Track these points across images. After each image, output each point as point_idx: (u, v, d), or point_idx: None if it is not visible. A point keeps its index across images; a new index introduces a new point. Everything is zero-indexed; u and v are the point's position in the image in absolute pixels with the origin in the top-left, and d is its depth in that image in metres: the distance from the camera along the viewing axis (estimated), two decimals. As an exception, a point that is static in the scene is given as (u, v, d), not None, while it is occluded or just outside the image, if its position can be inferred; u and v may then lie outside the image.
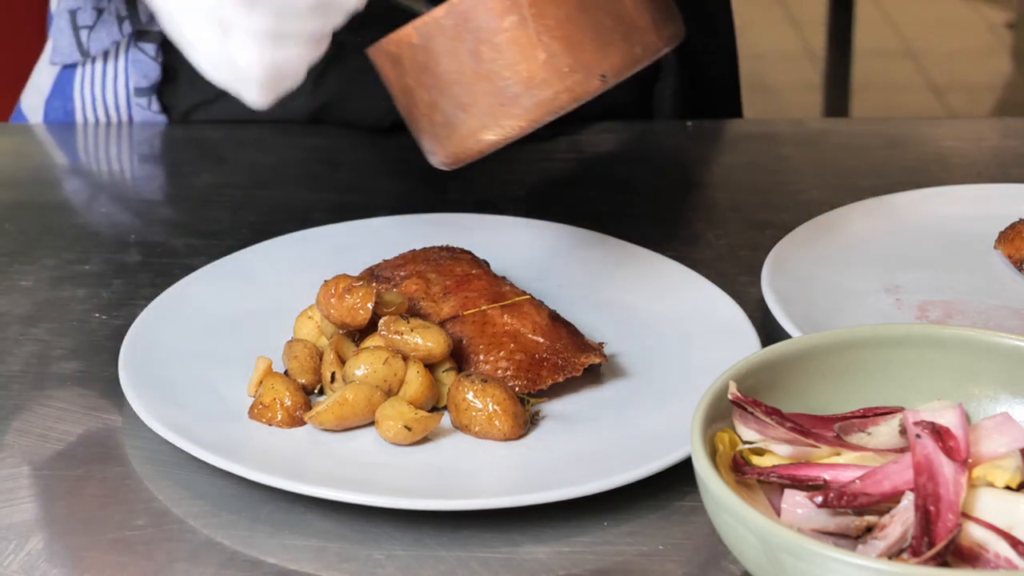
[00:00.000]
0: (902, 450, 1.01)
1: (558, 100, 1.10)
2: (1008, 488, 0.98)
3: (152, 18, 1.56)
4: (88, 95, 1.62)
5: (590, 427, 1.16)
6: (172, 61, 1.58)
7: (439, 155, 1.15)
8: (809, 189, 1.52)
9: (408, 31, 1.11)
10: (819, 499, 0.97)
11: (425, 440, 1.14)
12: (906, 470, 0.98)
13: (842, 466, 1.00)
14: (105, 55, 1.59)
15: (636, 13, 1.11)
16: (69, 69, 1.62)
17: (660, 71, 1.62)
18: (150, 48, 1.58)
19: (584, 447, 1.13)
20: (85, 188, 1.56)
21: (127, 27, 1.56)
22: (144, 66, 1.58)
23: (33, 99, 1.66)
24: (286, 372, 1.19)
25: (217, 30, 1.05)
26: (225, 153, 1.55)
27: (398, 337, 1.17)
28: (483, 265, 1.28)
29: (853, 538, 0.97)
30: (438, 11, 1.09)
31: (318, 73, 1.38)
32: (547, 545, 1.06)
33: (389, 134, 1.54)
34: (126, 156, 1.61)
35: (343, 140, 1.57)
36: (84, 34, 1.58)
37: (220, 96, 1.31)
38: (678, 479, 1.10)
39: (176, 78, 1.60)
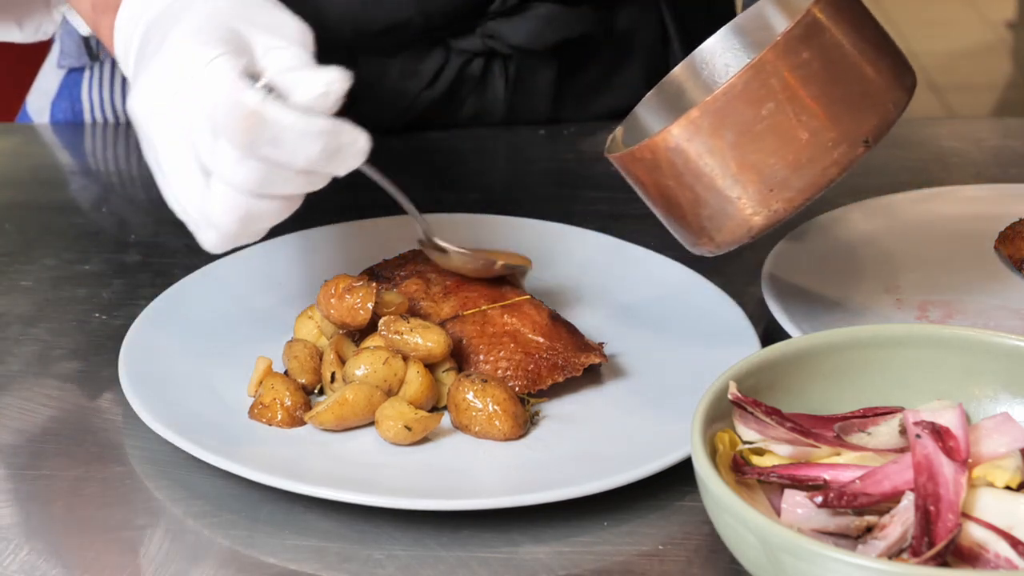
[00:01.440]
0: (902, 450, 1.01)
1: (827, 175, 1.11)
2: (1008, 488, 0.98)
3: None
4: (96, 97, 1.62)
5: (590, 427, 1.16)
6: None
7: (707, 245, 1.15)
8: (809, 189, 1.51)
9: (664, 136, 1.11)
10: (819, 499, 0.97)
11: (425, 440, 1.14)
12: (906, 470, 0.98)
13: (842, 466, 1.00)
14: (113, 59, 1.59)
15: (880, 74, 1.12)
16: (76, 71, 1.62)
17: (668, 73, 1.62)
18: None
19: (584, 447, 1.13)
20: (85, 188, 1.56)
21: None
22: None
23: (39, 101, 1.66)
24: (286, 372, 1.19)
25: (198, 174, 1.04)
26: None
27: (398, 337, 1.17)
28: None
29: (853, 538, 0.97)
30: (693, 112, 1.10)
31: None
32: (547, 545, 1.06)
33: (389, 134, 1.54)
34: (123, 157, 1.61)
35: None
36: (92, 37, 1.58)
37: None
38: (678, 479, 1.10)
39: None
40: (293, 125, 1.00)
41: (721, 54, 1.25)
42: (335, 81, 1.01)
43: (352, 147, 1.03)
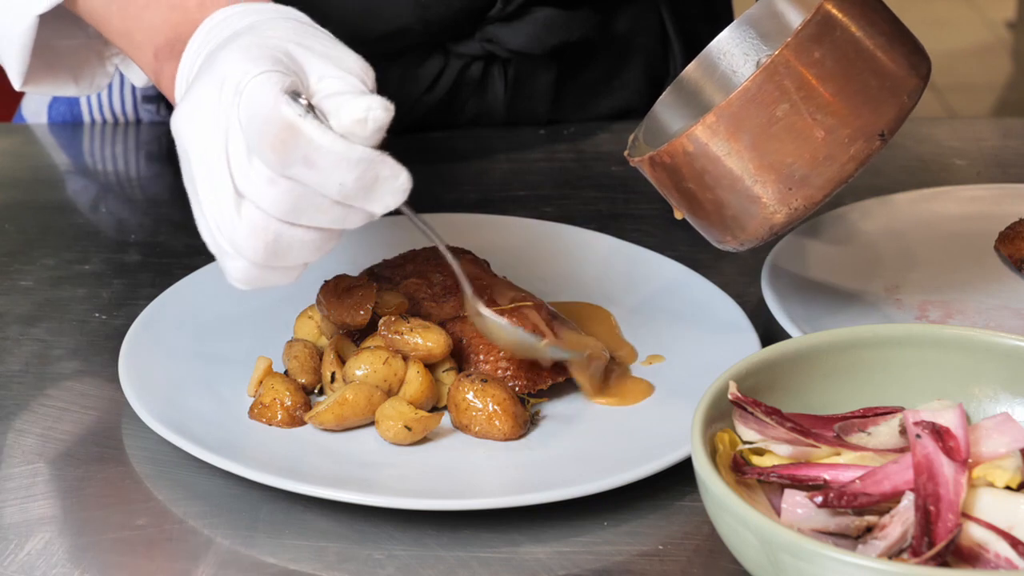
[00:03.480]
0: (902, 450, 1.01)
1: (845, 170, 1.12)
2: (1008, 488, 0.98)
3: None
4: (95, 101, 1.62)
5: (590, 427, 1.16)
6: None
7: (731, 243, 1.16)
8: (809, 189, 1.51)
9: (682, 141, 1.12)
10: (819, 499, 0.97)
11: (425, 440, 1.14)
12: (906, 470, 0.98)
13: (842, 466, 1.00)
14: None
15: (894, 65, 1.13)
16: None
17: (669, 74, 1.63)
18: None
19: (584, 447, 1.13)
20: (85, 188, 1.56)
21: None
22: None
23: (35, 105, 1.66)
24: (286, 372, 1.19)
25: (231, 196, 1.00)
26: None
27: (398, 337, 1.17)
28: (483, 265, 1.28)
29: (853, 538, 0.97)
30: (709, 117, 1.11)
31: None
32: (547, 545, 1.06)
33: (388, 135, 1.54)
34: (123, 156, 1.61)
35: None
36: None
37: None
38: (678, 479, 1.10)
39: None
40: (329, 147, 0.97)
41: (740, 43, 1.25)
42: (375, 108, 0.97)
43: (391, 183, 0.99)
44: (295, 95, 0.98)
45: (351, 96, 0.99)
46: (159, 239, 1.42)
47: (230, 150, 1.00)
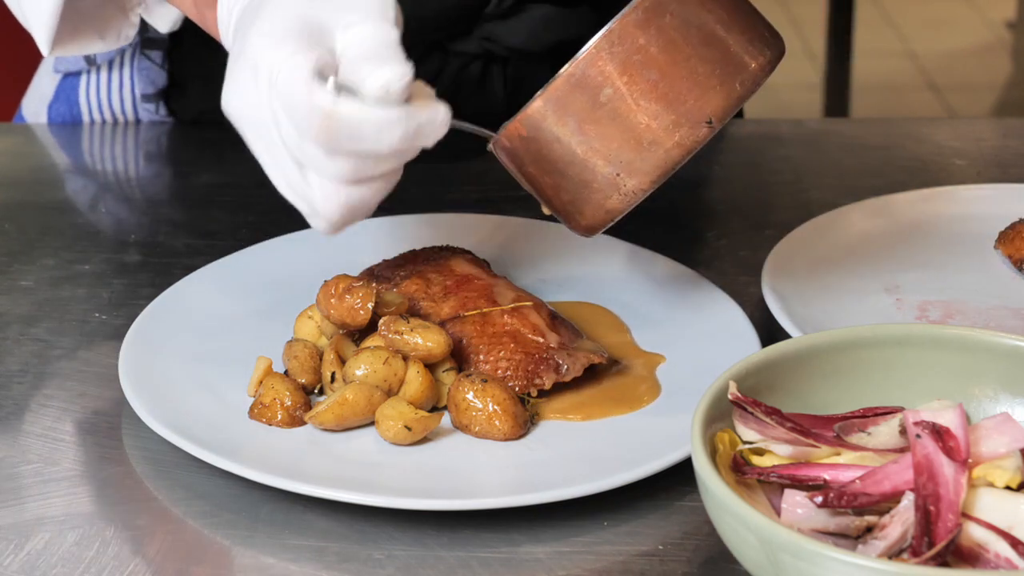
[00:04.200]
0: (902, 450, 1.01)
1: (671, 156, 1.12)
2: (1008, 488, 0.98)
3: None
4: (95, 101, 1.62)
5: (590, 427, 1.16)
6: (180, 70, 1.58)
7: (576, 228, 1.17)
8: (809, 189, 1.52)
9: (516, 125, 1.13)
10: (819, 499, 0.97)
11: (425, 440, 1.14)
12: (906, 470, 0.98)
13: (842, 466, 1.00)
14: (110, 62, 1.59)
15: (727, 52, 1.13)
16: (73, 76, 1.62)
17: None
18: (157, 55, 1.57)
19: (584, 447, 1.13)
20: (85, 188, 1.56)
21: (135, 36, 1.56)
22: (151, 73, 1.58)
23: (35, 105, 1.66)
24: (286, 372, 1.19)
25: (295, 169, 1.04)
26: (226, 153, 1.55)
27: (398, 337, 1.17)
28: (483, 265, 1.28)
29: (853, 538, 0.97)
30: (537, 102, 1.12)
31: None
32: (547, 545, 1.06)
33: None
34: (122, 157, 1.61)
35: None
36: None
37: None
38: (678, 479, 1.10)
39: (185, 88, 1.60)
40: (368, 119, 1.01)
41: None
42: (394, 80, 1.01)
43: (432, 123, 1.03)
44: (323, 77, 1.01)
45: (370, 67, 1.02)
46: (159, 239, 1.42)
47: (283, 133, 1.03)
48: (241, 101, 1.05)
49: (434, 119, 1.03)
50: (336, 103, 1.00)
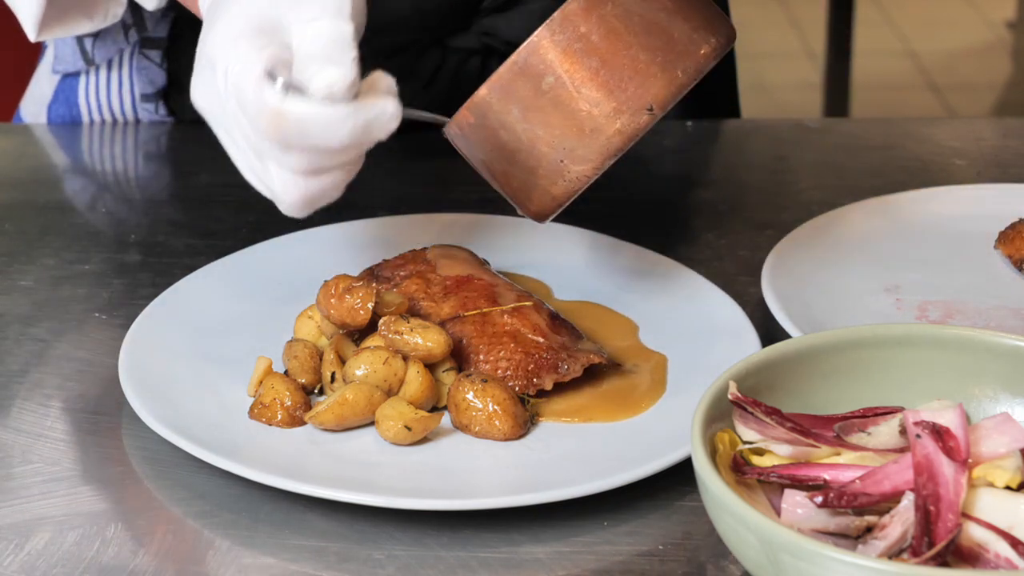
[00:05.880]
0: (902, 450, 1.01)
1: (612, 144, 1.13)
2: (1008, 488, 0.98)
3: (158, 25, 1.56)
4: (94, 101, 1.62)
5: (590, 427, 1.16)
6: (179, 70, 1.58)
7: (528, 214, 1.19)
8: (809, 189, 1.52)
9: (464, 112, 1.15)
10: (819, 499, 0.97)
11: (425, 440, 1.14)
12: (906, 470, 0.98)
13: (842, 466, 1.00)
14: (109, 63, 1.59)
15: (669, 40, 1.13)
16: (72, 76, 1.62)
17: None
18: (155, 55, 1.57)
19: (584, 447, 1.13)
20: (85, 188, 1.56)
21: (133, 35, 1.56)
22: (150, 72, 1.58)
23: (33, 106, 1.65)
24: (286, 372, 1.19)
25: (255, 159, 1.06)
26: (225, 152, 1.55)
27: (398, 337, 1.17)
28: (483, 265, 1.28)
29: (853, 538, 0.97)
30: (482, 89, 1.13)
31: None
32: (547, 545, 1.06)
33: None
34: (122, 157, 1.61)
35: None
36: (88, 43, 1.57)
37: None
38: (678, 479, 1.10)
39: (184, 88, 1.60)
40: (315, 116, 1.02)
41: None
42: (336, 81, 1.02)
43: (381, 118, 1.04)
44: (273, 75, 1.02)
45: (317, 66, 1.03)
46: (159, 239, 1.42)
47: (241, 128, 1.05)
48: (204, 96, 1.07)
49: (383, 114, 1.04)
50: (283, 102, 1.02)
